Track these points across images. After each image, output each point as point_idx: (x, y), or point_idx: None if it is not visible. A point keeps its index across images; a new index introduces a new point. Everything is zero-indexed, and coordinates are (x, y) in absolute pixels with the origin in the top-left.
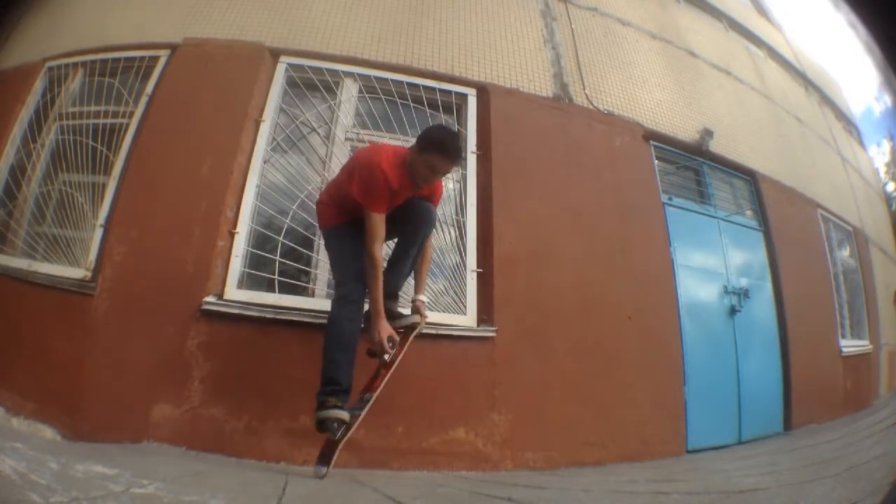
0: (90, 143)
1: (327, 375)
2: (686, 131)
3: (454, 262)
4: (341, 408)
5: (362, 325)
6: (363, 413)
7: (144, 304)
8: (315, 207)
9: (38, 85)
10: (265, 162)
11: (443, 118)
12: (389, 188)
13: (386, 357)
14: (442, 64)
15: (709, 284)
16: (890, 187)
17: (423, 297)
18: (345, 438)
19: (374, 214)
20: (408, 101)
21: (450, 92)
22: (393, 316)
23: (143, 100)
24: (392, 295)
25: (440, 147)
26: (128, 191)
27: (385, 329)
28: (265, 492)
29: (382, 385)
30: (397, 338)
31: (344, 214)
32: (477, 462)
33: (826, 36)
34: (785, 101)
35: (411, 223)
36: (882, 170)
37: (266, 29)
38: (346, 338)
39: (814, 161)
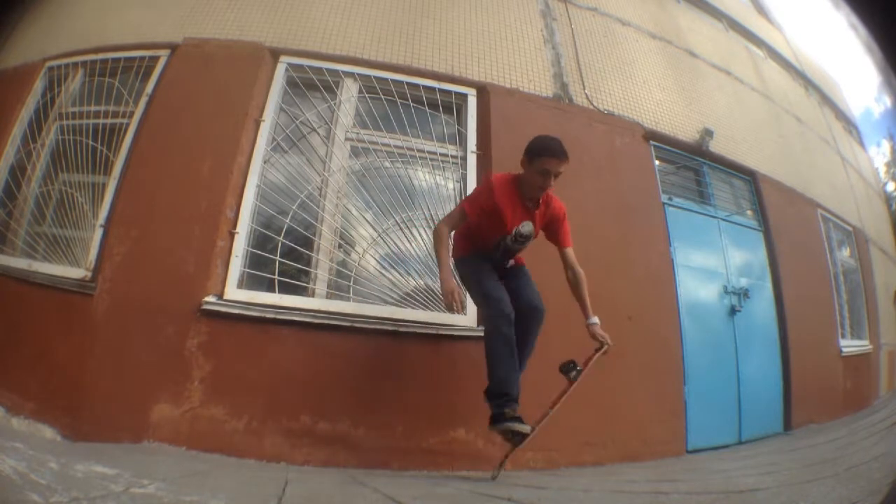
0: (90, 143)
1: (495, 390)
2: (686, 131)
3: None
4: (520, 419)
5: (508, 334)
6: (539, 426)
7: (144, 304)
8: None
9: (39, 85)
10: (265, 162)
11: (443, 118)
12: (492, 193)
13: (456, 310)
14: (442, 64)
15: (709, 284)
16: (890, 187)
17: (595, 319)
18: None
19: (460, 206)
20: (408, 101)
21: (450, 92)
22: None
23: (143, 100)
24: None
25: (547, 150)
26: (128, 191)
27: (448, 281)
28: (265, 492)
29: (562, 400)
30: (461, 295)
31: (469, 245)
32: (477, 462)
33: (826, 36)
34: (785, 101)
35: (521, 320)
36: (882, 170)
37: (266, 29)
38: (501, 350)
39: (814, 161)
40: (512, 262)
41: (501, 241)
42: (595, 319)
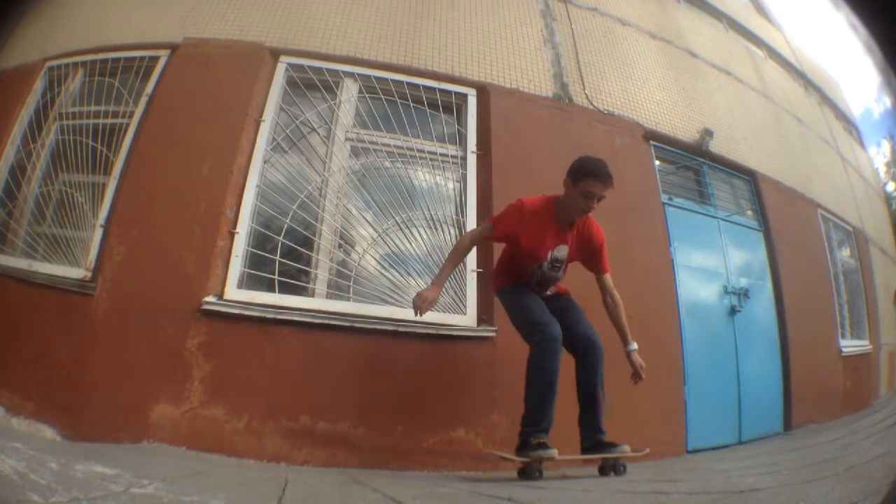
0: (90, 143)
1: (526, 417)
2: (686, 131)
3: None
4: (544, 445)
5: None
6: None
7: (144, 304)
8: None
9: (39, 85)
10: (265, 162)
11: (443, 118)
12: (523, 219)
13: (417, 315)
14: (442, 64)
15: (709, 284)
16: (890, 187)
17: (634, 346)
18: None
19: (489, 221)
20: (408, 101)
21: (450, 92)
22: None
23: (143, 100)
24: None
25: (593, 173)
26: (128, 191)
27: (432, 288)
28: (265, 492)
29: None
30: (431, 302)
31: (508, 277)
32: (477, 462)
33: (826, 36)
34: (785, 101)
35: (581, 359)
36: (882, 170)
37: (266, 29)
38: (537, 377)
39: (814, 161)
40: (553, 289)
41: (537, 271)
42: (634, 346)
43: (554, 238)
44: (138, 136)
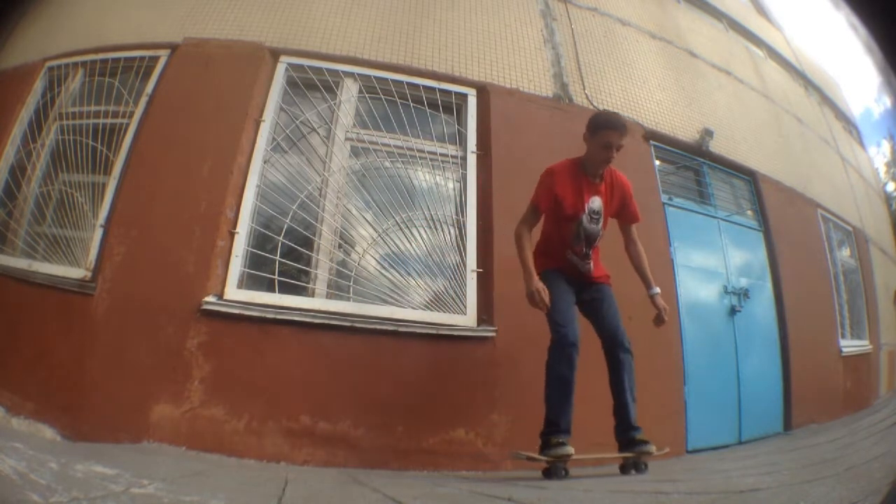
0: (90, 143)
1: (546, 416)
2: (686, 131)
3: (454, 262)
4: (562, 444)
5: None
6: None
7: (144, 304)
8: None
9: (39, 85)
10: (265, 162)
11: (443, 118)
12: (554, 180)
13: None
14: (442, 64)
15: (709, 284)
16: (890, 187)
17: (657, 290)
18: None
19: (530, 203)
20: (408, 101)
21: (450, 92)
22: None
23: (143, 100)
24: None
25: (606, 123)
26: (128, 191)
27: (530, 282)
28: (265, 492)
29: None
30: (546, 293)
31: (545, 259)
32: (477, 462)
33: (826, 36)
34: (785, 101)
35: (608, 358)
36: (882, 170)
37: (266, 29)
38: (554, 379)
39: (814, 161)
40: (591, 264)
41: (579, 227)
42: (657, 290)
43: (586, 192)
44: (138, 136)
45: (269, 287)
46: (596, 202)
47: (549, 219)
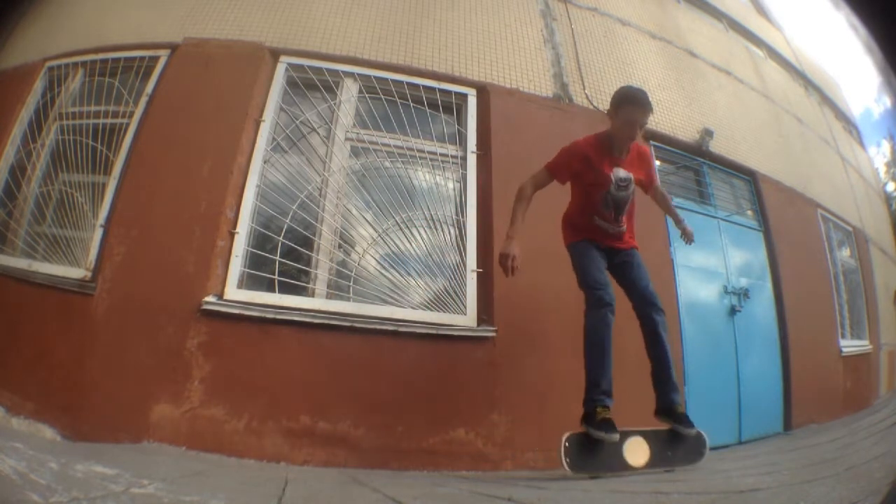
0: (90, 143)
1: (588, 379)
2: (686, 131)
3: (454, 262)
4: (609, 424)
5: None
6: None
7: (144, 304)
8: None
9: (38, 85)
10: (265, 162)
11: (443, 118)
12: (575, 152)
13: (508, 275)
14: (442, 64)
15: (709, 284)
16: (890, 187)
17: (681, 217)
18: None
19: (543, 167)
20: (408, 101)
21: (450, 92)
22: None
23: (143, 100)
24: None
25: (630, 99)
26: (128, 191)
27: (508, 242)
28: (265, 492)
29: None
30: (515, 257)
31: (574, 230)
32: (477, 462)
33: (826, 36)
34: (785, 101)
35: (642, 322)
36: (882, 170)
37: (266, 29)
38: (596, 341)
39: (814, 161)
40: (623, 228)
41: (607, 196)
42: (682, 217)
43: (608, 165)
44: (138, 136)
45: (269, 287)
46: (621, 172)
47: (576, 190)
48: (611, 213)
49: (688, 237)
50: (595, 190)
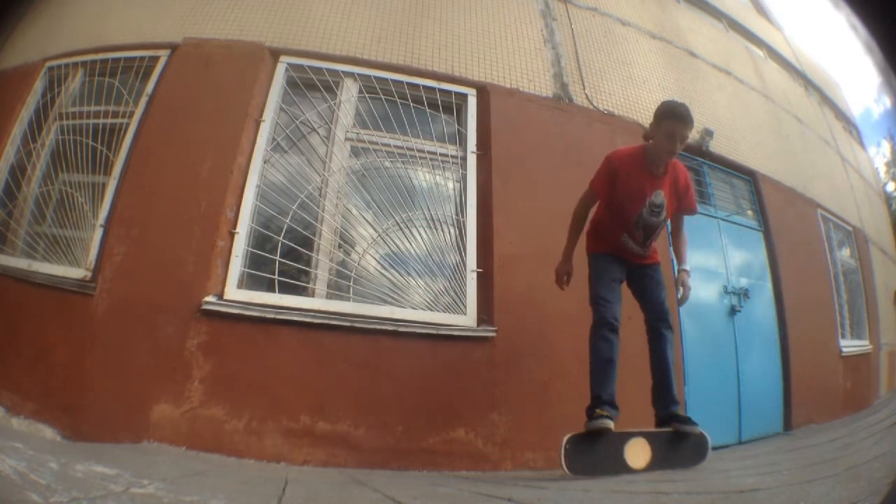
0: (90, 143)
1: (591, 392)
2: None
3: (454, 262)
4: (605, 416)
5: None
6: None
7: (144, 304)
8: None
9: (38, 85)
10: (265, 162)
11: (443, 118)
12: (613, 167)
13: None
14: (442, 64)
15: (709, 284)
16: (890, 187)
17: (686, 267)
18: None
19: (589, 185)
20: (408, 101)
21: (450, 92)
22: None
23: (143, 100)
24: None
25: (672, 113)
26: (128, 191)
27: (562, 263)
28: (265, 492)
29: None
30: (570, 275)
31: (596, 241)
32: (477, 462)
33: (826, 36)
34: (785, 101)
35: (649, 325)
36: (882, 170)
37: (266, 29)
38: (595, 355)
39: (814, 161)
40: (648, 252)
41: (639, 219)
42: (686, 267)
43: (648, 185)
44: (138, 136)
45: (269, 287)
46: (658, 196)
47: (606, 203)
48: (640, 235)
49: (684, 294)
50: (629, 205)
